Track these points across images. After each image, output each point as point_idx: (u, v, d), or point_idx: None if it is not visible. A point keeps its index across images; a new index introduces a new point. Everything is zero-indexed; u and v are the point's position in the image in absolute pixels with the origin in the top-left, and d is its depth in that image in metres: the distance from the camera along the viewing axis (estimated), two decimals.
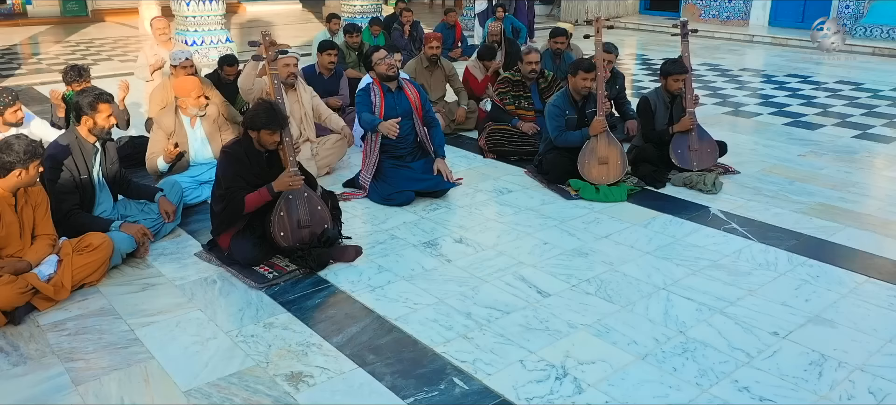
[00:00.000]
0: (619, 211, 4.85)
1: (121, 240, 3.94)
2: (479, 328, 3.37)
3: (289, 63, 5.36)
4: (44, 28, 15.96)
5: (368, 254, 4.16)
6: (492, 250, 4.24)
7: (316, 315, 3.51)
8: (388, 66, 5.09)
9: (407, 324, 3.41)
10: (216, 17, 11.08)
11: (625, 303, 3.60)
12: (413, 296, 3.69)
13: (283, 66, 5.34)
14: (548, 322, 3.42)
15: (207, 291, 3.75)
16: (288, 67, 5.35)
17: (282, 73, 5.37)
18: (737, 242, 4.33)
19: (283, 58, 5.38)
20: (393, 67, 5.10)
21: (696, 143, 5.43)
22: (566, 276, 3.89)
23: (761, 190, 5.23)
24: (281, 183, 3.99)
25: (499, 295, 3.69)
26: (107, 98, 4.10)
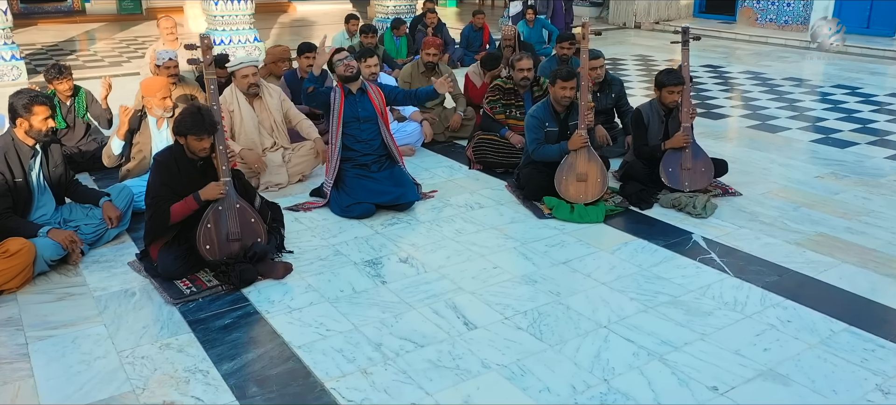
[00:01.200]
0: (590, 233, 4.46)
1: (45, 247, 3.83)
2: (384, 362, 3.08)
3: (246, 74, 5.18)
4: (99, 25, 16.48)
5: (303, 272, 3.93)
6: (435, 273, 3.93)
7: (218, 337, 3.29)
8: (346, 67, 4.84)
9: (309, 353, 3.16)
10: (245, 17, 11.10)
11: (555, 342, 3.24)
12: (329, 320, 3.43)
13: (241, 78, 5.18)
14: (461, 359, 3.10)
15: (121, 304, 3.59)
16: (246, 78, 5.18)
17: (241, 84, 5.21)
18: (708, 276, 3.88)
19: (241, 69, 5.22)
20: (351, 69, 4.84)
21: (690, 161, 4.96)
22: (503, 307, 3.55)
23: (758, 215, 4.72)
24: (208, 192, 3.81)
25: (420, 324, 3.39)
26: (42, 101, 4.01)
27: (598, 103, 6.05)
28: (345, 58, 4.90)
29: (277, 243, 4.13)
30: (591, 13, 16.98)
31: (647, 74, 10.10)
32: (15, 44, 9.68)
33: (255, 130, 5.38)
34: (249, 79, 5.24)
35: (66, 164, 4.36)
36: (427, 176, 5.60)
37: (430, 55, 6.54)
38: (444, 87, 5.06)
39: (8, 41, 9.50)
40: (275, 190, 5.23)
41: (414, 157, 6.05)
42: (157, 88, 4.80)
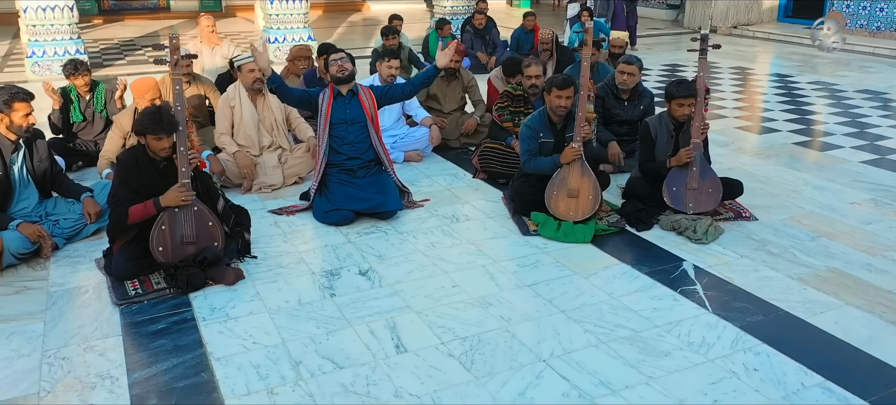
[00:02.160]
0: (571, 254, 4.15)
1: (12, 240, 3.91)
2: (295, 383, 2.93)
3: (253, 68, 5.15)
4: (180, 21, 17.20)
5: (257, 279, 3.84)
6: (389, 288, 3.75)
7: (144, 343, 3.24)
8: (339, 68, 4.71)
9: (225, 366, 3.05)
10: (299, 16, 11.25)
11: (483, 374, 2.99)
12: (260, 333, 3.31)
13: (246, 73, 5.16)
14: (375, 386, 2.91)
15: (69, 302, 3.61)
16: (252, 73, 5.14)
17: (246, 79, 5.19)
18: (683, 310, 3.51)
19: (247, 63, 5.19)
20: (344, 70, 4.71)
21: (696, 180, 4.54)
22: (444, 330, 3.33)
23: (768, 244, 4.26)
24: (169, 198, 3.77)
25: (350, 344, 3.22)
26: (23, 97, 4.10)
27: (623, 113, 5.69)
28: (339, 58, 4.77)
29: (238, 247, 4.06)
30: (666, 16, 16.25)
31: None
32: (80, 39, 10.18)
33: (254, 128, 5.35)
34: (255, 74, 5.22)
35: (52, 159, 4.46)
36: (426, 183, 5.42)
37: (454, 62, 6.32)
38: (446, 57, 4.88)
39: (74, 36, 10.00)
40: (268, 191, 5.20)
41: (419, 163, 5.88)
42: (146, 89, 4.86)
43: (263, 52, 4.40)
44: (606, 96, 5.67)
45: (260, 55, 4.39)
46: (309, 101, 4.77)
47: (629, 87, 5.58)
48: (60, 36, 9.90)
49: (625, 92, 5.60)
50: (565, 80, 4.60)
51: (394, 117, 6.04)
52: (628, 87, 5.57)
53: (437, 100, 6.43)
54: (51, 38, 9.83)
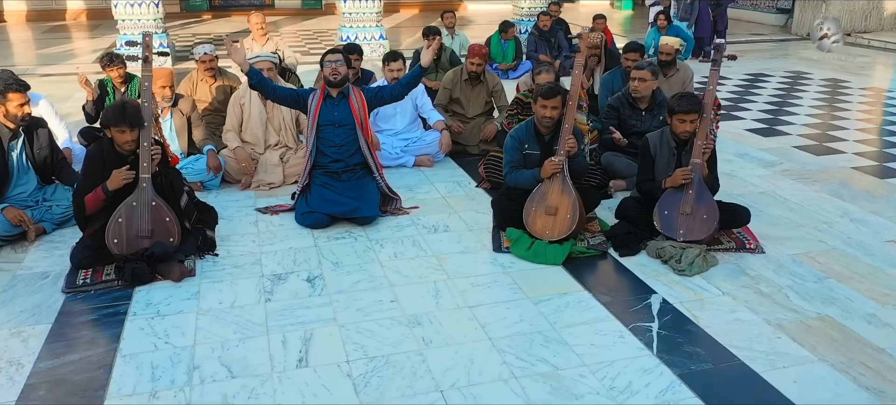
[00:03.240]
0: (534, 276, 3.87)
1: None
2: (182, 388, 2.89)
3: (261, 68, 5.19)
4: (282, 18, 17.90)
5: (206, 277, 3.85)
6: (327, 297, 3.64)
7: (67, 333, 3.32)
8: (332, 70, 4.64)
9: (127, 364, 3.06)
10: (372, 15, 11.36)
11: (371, 399, 2.82)
12: (177, 333, 3.30)
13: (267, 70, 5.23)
14: (256, 400, 2.81)
15: (27, 286, 3.77)
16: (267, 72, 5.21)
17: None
18: (624, 350, 3.16)
19: (258, 62, 5.25)
20: (337, 74, 4.63)
21: (690, 205, 4.11)
22: (356, 347, 3.18)
23: (762, 281, 3.78)
24: (113, 181, 3.85)
25: (257, 353, 3.14)
26: (17, 88, 4.33)
27: (640, 124, 5.27)
28: (335, 61, 4.69)
29: (199, 244, 4.09)
30: (775, 21, 15.07)
31: (780, 95, 8.68)
32: (165, 33, 10.80)
33: (261, 126, 5.41)
34: (331, 67, 5.26)
35: (53, 147, 4.69)
36: (425, 190, 5.27)
37: (474, 65, 6.11)
38: (428, 57, 4.73)
39: (158, 30, 10.62)
40: (266, 189, 5.24)
41: (430, 168, 5.74)
42: (158, 77, 5.00)
43: (240, 48, 4.40)
44: (621, 106, 5.27)
45: (236, 51, 4.39)
46: (297, 99, 4.75)
47: (643, 95, 5.15)
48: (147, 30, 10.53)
49: (641, 100, 5.18)
50: (551, 89, 4.30)
51: (408, 120, 5.92)
52: (642, 94, 5.14)
53: (461, 104, 6.24)
54: (137, 31, 10.49)
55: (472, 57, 6.10)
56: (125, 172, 3.86)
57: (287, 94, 4.74)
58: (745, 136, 6.74)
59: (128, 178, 3.86)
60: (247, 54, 5.98)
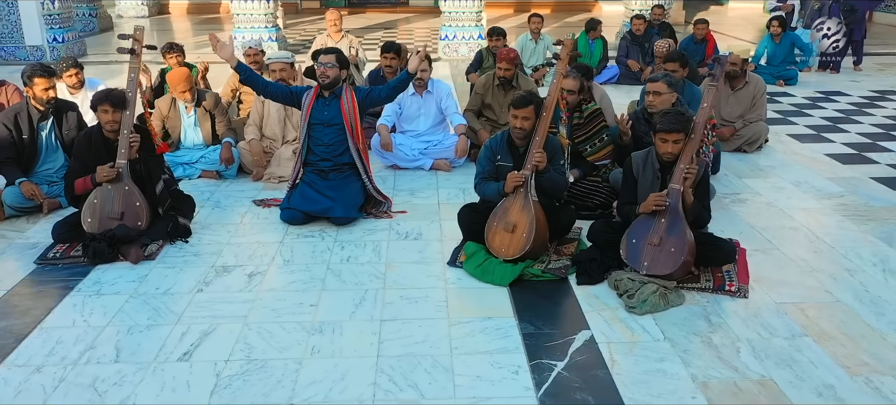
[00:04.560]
0: (471, 296, 3.65)
1: (8, 194, 4.61)
2: (56, 365, 3.03)
3: (275, 69, 5.39)
4: (414, 14, 18.32)
5: (163, 262, 4.03)
6: (252, 294, 3.66)
7: (12, 301, 3.61)
8: (321, 73, 4.65)
9: (39, 336, 3.27)
10: (471, 14, 11.27)
11: (222, 402, 2.79)
12: (98, 314, 3.47)
13: (271, 71, 5.41)
14: (115, 389, 2.88)
15: (11, 253, 4.16)
16: (274, 73, 5.37)
17: (271, 77, 5.39)
18: (507, 389, 2.87)
19: (273, 63, 5.40)
20: (326, 77, 4.63)
21: (660, 235, 3.66)
22: (244, 347, 3.16)
23: (719, 330, 3.28)
24: (99, 173, 4.12)
25: (147, 343, 3.21)
26: (42, 73, 4.76)
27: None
28: (325, 63, 4.70)
29: (169, 230, 4.27)
30: None
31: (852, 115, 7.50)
32: (275, 27, 11.42)
33: (279, 122, 5.57)
34: (277, 74, 5.43)
35: (82, 128, 5.11)
36: (425, 194, 5.15)
37: (503, 70, 5.86)
38: (414, 63, 4.60)
39: (269, 25, 11.25)
40: (276, 182, 5.37)
41: (443, 172, 5.59)
42: (178, 81, 5.31)
43: (227, 44, 4.53)
44: (637, 120, 4.80)
45: (223, 47, 4.52)
46: (290, 96, 4.81)
47: (660, 110, 4.66)
48: (258, 24, 11.22)
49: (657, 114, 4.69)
50: (522, 98, 4.02)
51: (431, 122, 5.81)
52: (658, 109, 4.65)
53: (492, 109, 6.02)
54: (250, 25, 11.19)
55: (500, 62, 5.86)
56: (108, 170, 4.11)
57: (279, 90, 4.82)
58: (819, 161, 5.90)
59: (110, 175, 4.11)
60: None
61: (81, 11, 14.49)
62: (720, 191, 5.14)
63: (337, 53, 4.69)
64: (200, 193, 5.14)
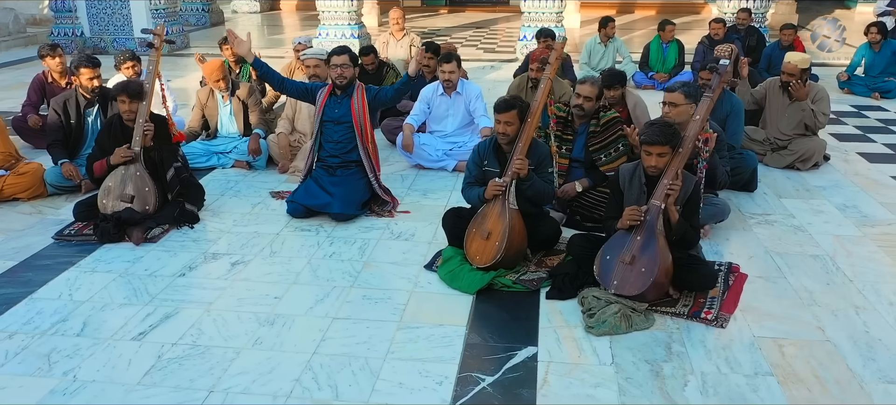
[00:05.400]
0: (431, 301, 3.60)
1: (49, 174, 5.02)
2: (27, 334, 3.28)
3: (310, 65, 5.52)
4: (511, 14, 18.15)
5: (163, 246, 4.26)
6: (227, 282, 3.80)
7: (15, 271, 3.95)
8: (338, 74, 4.70)
9: (26, 305, 3.55)
10: (551, 15, 11.04)
11: (153, 383, 2.92)
12: (85, 288, 3.73)
13: (305, 66, 5.55)
14: (64, 360, 3.08)
15: (38, 227, 4.52)
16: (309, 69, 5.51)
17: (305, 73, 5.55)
18: (420, 397, 2.82)
19: (307, 59, 5.54)
20: (343, 78, 4.69)
21: (633, 253, 3.44)
22: (195, 332, 3.29)
23: (676, 360, 3.04)
24: (114, 156, 4.42)
25: (114, 319, 3.42)
26: (87, 63, 5.15)
27: None
28: (340, 64, 4.77)
29: (176, 215, 4.49)
30: None
31: None
32: (359, 24, 11.70)
33: (309, 118, 5.72)
34: (311, 70, 5.58)
35: None
36: (437, 196, 5.13)
37: (534, 71, 5.71)
38: (414, 66, 4.61)
39: (352, 21, 11.55)
40: (299, 175, 5.51)
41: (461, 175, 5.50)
42: (211, 71, 5.58)
43: (244, 40, 4.69)
44: None
45: (241, 43, 4.69)
46: (305, 92, 4.92)
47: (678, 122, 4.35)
48: (342, 21, 11.55)
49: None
50: (504, 103, 3.91)
51: (458, 123, 5.76)
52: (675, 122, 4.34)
53: None
54: (334, 22, 11.55)
55: (532, 63, 5.71)
56: (125, 151, 4.40)
57: (295, 86, 4.95)
58: (880, 184, 5.31)
59: (127, 155, 4.40)
60: (384, 47, 6.33)
61: (194, 6, 15.55)
62: (750, 209, 4.76)
63: (349, 52, 4.75)
64: (226, 182, 5.39)
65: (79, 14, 11.91)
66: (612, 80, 5.48)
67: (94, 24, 11.97)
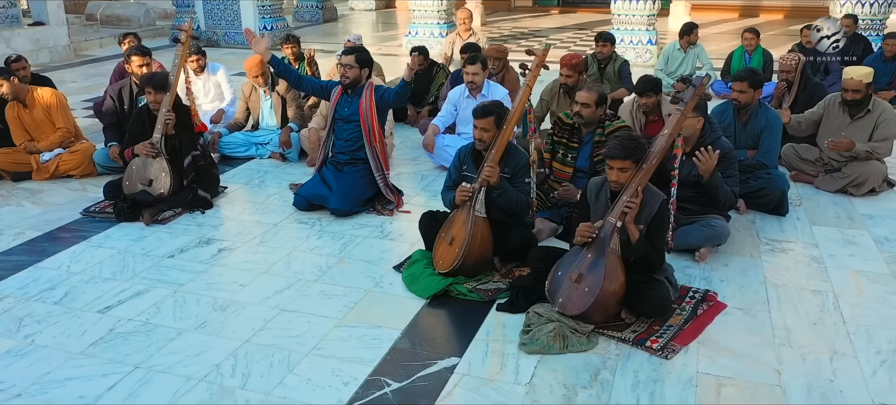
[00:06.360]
0: (381, 303, 3.61)
1: (98, 154, 5.50)
2: (18, 299, 3.64)
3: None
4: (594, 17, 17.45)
5: (169, 228, 4.56)
6: (205, 266, 4.01)
7: (37, 241, 4.38)
8: (342, 72, 4.82)
9: (30, 272, 3.94)
10: (641, 18, 10.57)
11: (95, 354, 3.15)
12: (83, 261, 4.07)
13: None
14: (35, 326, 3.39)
15: (74, 203, 4.98)
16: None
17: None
18: (314, 396, 2.84)
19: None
20: (346, 77, 4.79)
21: (581, 270, 3.26)
22: (154, 311, 3.51)
23: (593, 388, 2.86)
24: (137, 148, 4.77)
25: (93, 291, 3.71)
26: (136, 52, 5.58)
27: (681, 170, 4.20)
28: (346, 64, 4.86)
29: (189, 200, 4.78)
30: None
31: None
32: (448, 23, 11.79)
33: None
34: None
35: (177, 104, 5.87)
36: None
37: (563, 76, 5.52)
38: (406, 74, 4.63)
39: (441, 20, 11.66)
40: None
41: None
42: (250, 66, 5.87)
43: (262, 39, 4.88)
44: None
45: (258, 42, 4.88)
46: (321, 90, 5.07)
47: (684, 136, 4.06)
48: (432, 20, 11.71)
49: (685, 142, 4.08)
50: (482, 109, 3.83)
51: None
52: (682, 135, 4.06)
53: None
54: (424, 21, 11.72)
55: (562, 68, 5.53)
56: (148, 148, 4.74)
57: (311, 83, 5.10)
58: None
59: (150, 152, 4.74)
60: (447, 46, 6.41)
61: (308, 3, 16.31)
62: (770, 235, 4.36)
63: (356, 54, 4.83)
64: (257, 171, 5.67)
65: (196, 9, 12.87)
66: (646, 86, 5.22)
67: (208, 18, 12.89)
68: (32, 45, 10.98)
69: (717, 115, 4.96)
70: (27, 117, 5.46)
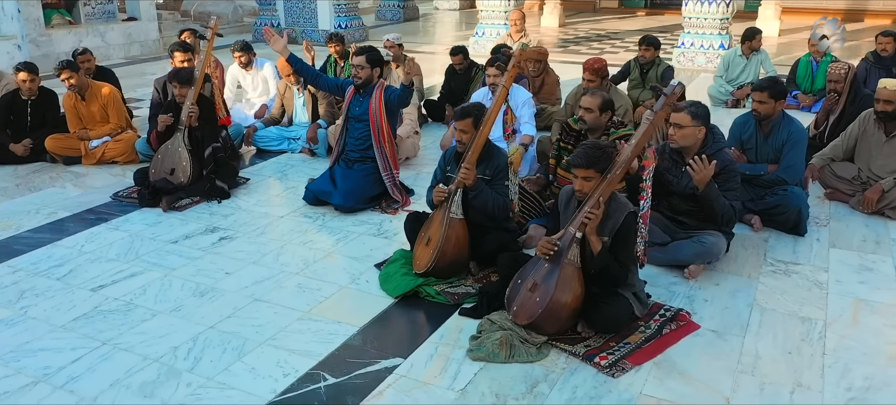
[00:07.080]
0: (352, 299, 3.67)
1: (139, 143, 5.86)
2: (27, 273, 3.96)
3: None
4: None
5: (184, 215, 4.81)
6: (201, 253, 4.21)
7: (62, 219, 4.75)
8: (354, 73, 4.91)
9: (44, 249, 4.28)
10: (714, 21, 10.09)
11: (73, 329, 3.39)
12: (98, 240, 4.38)
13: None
14: (26, 301, 3.68)
15: (108, 187, 5.33)
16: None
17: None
18: (252, 387, 2.93)
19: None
20: (358, 78, 4.88)
21: (536, 279, 3.19)
22: (140, 292, 3.73)
23: (524, 400, 2.80)
24: (159, 122, 5.08)
25: (94, 270, 3.98)
26: (177, 48, 5.91)
27: (677, 183, 4.02)
28: (357, 65, 4.94)
29: (207, 189, 5.02)
30: None
31: None
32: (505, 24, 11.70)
33: None
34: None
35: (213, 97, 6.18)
36: None
37: (585, 80, 5.39)
38: (404, 77, 4.66)
39: (506, 21, 11.58)
40: None
41: None
42: (283, 66, 6.06)
43: (280, 38, 5.04)
44: (661, 154, 4.04)
45: (276, 40, 5.04)
46: (337, 88, 5.18)
47: (684, 147, 3.89)
48: (499, 20, 11.66)
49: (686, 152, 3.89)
50: (462, 111, 3.82)
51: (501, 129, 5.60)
52: (681, 145, 3.89)
53: None
54: (491, 21, 11.69)
55: (584, 72, 5.40)
56: (165, 117, 5.03)
57: (327, 82, 5.22)
58: None
59: (167, 121, 5.04)
60: None
61: (390, 3, 16.61)
62: (778, 255, 4.09)
63: (367, 54, 4.91)
64: (285, 165, 5.89)
65: (277, 7, 13.41)
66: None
67: (288, 16, 13.40)
68: (125, 38, 11.81)
69: (739, 127, 4.70)
70: (83, 109, 5.89)
